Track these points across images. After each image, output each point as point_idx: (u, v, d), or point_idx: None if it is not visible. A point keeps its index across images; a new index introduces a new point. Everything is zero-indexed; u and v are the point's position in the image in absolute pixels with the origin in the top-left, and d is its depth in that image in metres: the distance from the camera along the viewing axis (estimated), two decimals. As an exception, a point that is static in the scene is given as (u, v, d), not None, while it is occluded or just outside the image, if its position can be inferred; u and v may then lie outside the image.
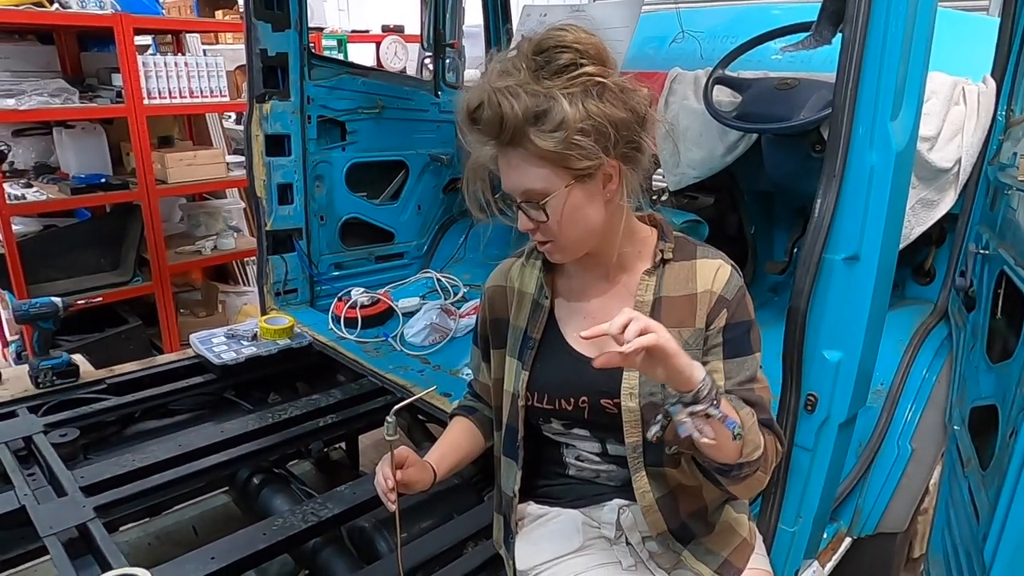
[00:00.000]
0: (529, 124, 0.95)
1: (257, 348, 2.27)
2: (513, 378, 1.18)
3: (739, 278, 1.11)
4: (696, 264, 1.11)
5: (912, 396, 1.93)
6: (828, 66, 2.18)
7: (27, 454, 1.76)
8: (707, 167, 2.21)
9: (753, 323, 1.11)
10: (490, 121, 0.97)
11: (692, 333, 1.08)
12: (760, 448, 1.04)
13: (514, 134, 0.97)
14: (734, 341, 1.09)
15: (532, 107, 0.95)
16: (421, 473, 1.15)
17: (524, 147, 0.97)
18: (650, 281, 1.11)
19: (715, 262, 1.11)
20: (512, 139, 0.97)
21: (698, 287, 1.09)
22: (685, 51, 2.61)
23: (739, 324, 1.09)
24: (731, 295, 1.09)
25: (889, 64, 1.14)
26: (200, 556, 1.40)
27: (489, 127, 0.98)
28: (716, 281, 1.09)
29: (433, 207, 3.17)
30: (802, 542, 1.42)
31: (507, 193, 1.04)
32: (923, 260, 2.29)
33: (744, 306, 1.10)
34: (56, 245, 3.47)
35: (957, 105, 1.94)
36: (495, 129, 0.97)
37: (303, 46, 2.54)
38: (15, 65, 3.58)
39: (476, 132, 1.01)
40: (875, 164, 1.17)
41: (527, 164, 0.99)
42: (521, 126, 0.96)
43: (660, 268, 1.12)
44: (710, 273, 1.10)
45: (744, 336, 1.10)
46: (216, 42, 5.22)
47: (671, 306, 1.09)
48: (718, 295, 1.08)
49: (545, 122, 0.95)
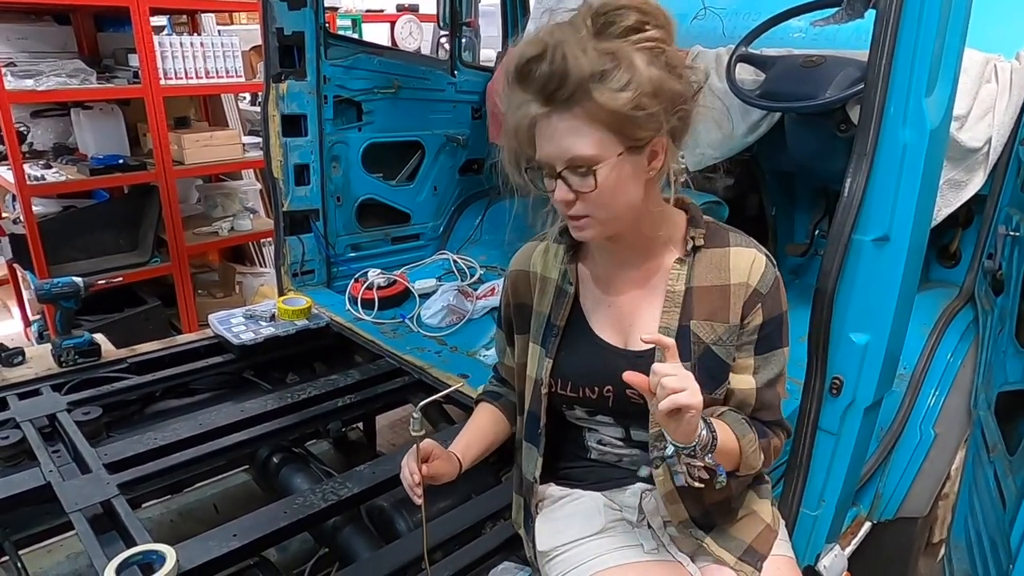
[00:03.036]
0: (594, 81, 0.89)
1: (275, 328, 2.28)
2: (536, 365, 1.16)
3: (774, 269, 1.08)
4: (730, 252, 1.07)
5: (936, 380, 1.90)
6: (855, 43, 2.15)
7: (51, 431, 1.78)
8: (728, 147, 2.17)
9: (785, 315, 1.10)
10: (549, 75, 0.90)
11: (727, 329, 1.06)
12: (756, 468, 1.07)
13: (575, 91, 0.90)
14: (768, 337, 1.08)
15: (599, 64, 0.89)
16: (447, 465, 1.14)
17: (582, 106, 0.90)
18: (681, 270, 1.08)
19: (750, 251, 1.07)
20: (571, 97, 0.90)
21: (732, 278, 1.06)
22: (706, 28, 2.55)
23: (772, 319, 1.08)
24: (766, 289, 1.06)
25: (925, 37, 1.10)
26: (222, 533, 1.41)
27: (546, 82, 0.91)
28: (752, 273, 1.05)
29: (449, 188, 3.15)
30: (824, 526, 1.41)
31: (542, 162, 0.97)
32: (949, 242, 2.25)
33: (778, 299, 1.08)
34: (76, 226, 3.50)
35: (988, 83, 1.88)
36: (554, 83, 0.90)
37: (319, 25, 2.51)
38: (33, 46, 3.59)
39: (525, 88, 0.93)
40: (908, 142, 1.14)
41: (582, 125, 0.92)
42: (585, 83, 0.89)
43: (691, 256, 1.08)
44: (745, 264, 1.06)
45: (777, 330, 1.09)
46: (231, 22, 5.20)
47: (703, 296, 1.07)
48: (753, 289, 1.05)
49: (612, 80, 0.89)
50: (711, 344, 1.06)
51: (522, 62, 0.93)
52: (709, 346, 1.06)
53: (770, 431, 1.12)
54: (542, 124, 0.95)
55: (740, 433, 1.05)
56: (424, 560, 1.25)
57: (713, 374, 1.07)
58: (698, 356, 1.06)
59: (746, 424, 1.08)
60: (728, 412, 1.08)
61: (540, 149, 0.97)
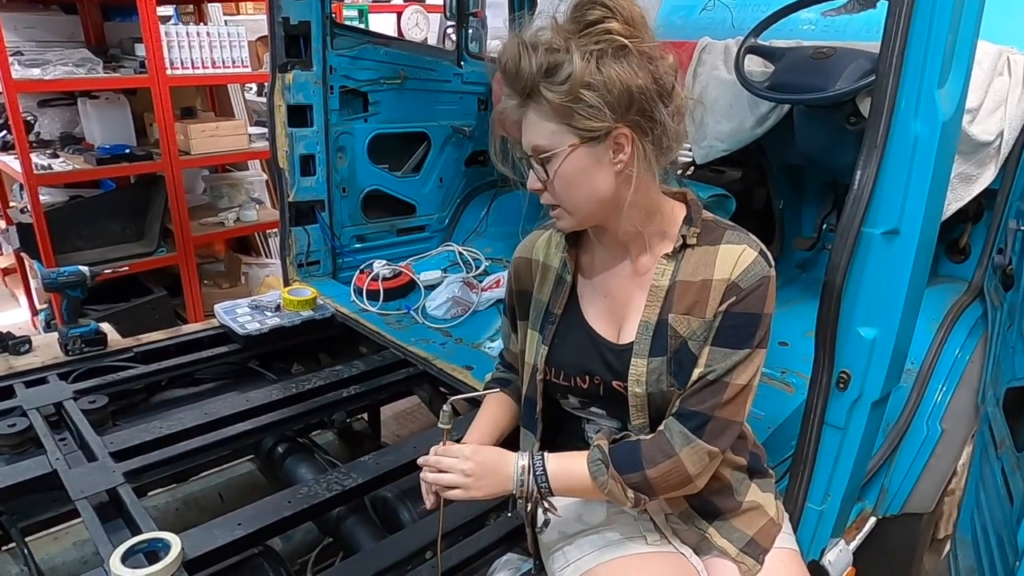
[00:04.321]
0: (541, 77, 0.95)
1: (280, 319, 2.28)
2: (534, 351, 1.17)
3: (763, 267, 1.02)
4: (720, 249, 1.04)
5: (944, 376, 1.89)
6: (865, 34, 2.13)
7: (58, 420, 1.79)
8: (736, 140, 2.16)
9: (763, 318, 1.02)
10: (510, 73, 0.98)
11: (701, 324, 1.04)
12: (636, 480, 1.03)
13: (530, 88, 0.97)
14: (732, 330, 1.02)
15: (546, 61, 0.95)
16: None
17: (536, 101, 0.97)
18: (668, 266, 1.07)
19: (739, 247, 1.03)
20: (529, 93, 0.97)
21: (715, 274, 1.03)
22: (715, 20, 2.54)
23: (744, 315, 1.01)
24: (746, 283, 1.01)
25: (938, 27, 1.08)
26: (227, 523, 1.41)
27: (509, 79, 0.99)
28: (735, 268, 1.02)
29: (455, 180, 3.14)
30: (829, 521, 1.40)
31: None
32: (958, 237, 2.23)
33: (758, 297, 1.02)
34: (82, 215, 3.51)
35: (1001, 75, 1.86)
36: (517, 82, 0.98)
37: (326, 15, 2.50)
38: (39, 35, 3.59)
39: (504, 84, 1.01)
40: (920, 134, 1.13)
41: (539, 119, 0.99)
42: (535, 79, 0.96)
43: (681, 252, 1.07)
44: (731, 259, 1.03)
45: (745, 328, 1.02)
46: (237, 12, 5.20)
47: (685, 291, 1.05)
48: (732, 282, 1.02)
49: (555, 76, 0.95)
50: (687, 338, 1.05)
51: (501, 61, 1.00)
52: (685, 340, 1.05)
53: (676, 440, 1.02)
54: (521, 118, 1.01)
55: (594, 473, 1.05)
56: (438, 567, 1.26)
57: (687, 369, 1.04)
58: (674, 351, 1.05)
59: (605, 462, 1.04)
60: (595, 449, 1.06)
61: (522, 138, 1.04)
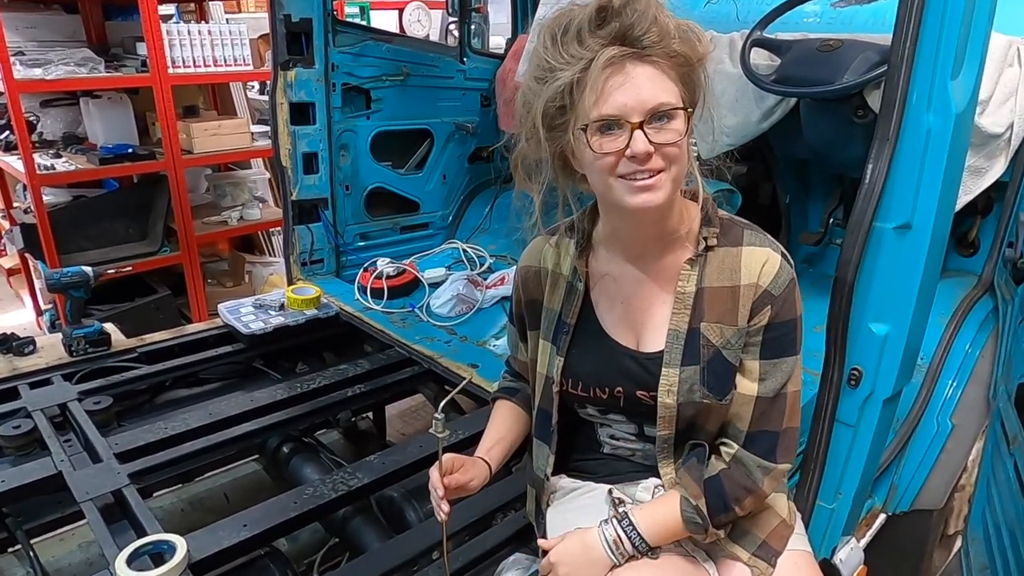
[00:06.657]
0: (678, 34, 0.92)
1: (284, 318, 2.27)
2: (548, 362, 1.15)
3: (789, 270, 1.03)
4: (742, 252, 1.03)
5: (954, 371, 1.87)
6: (872, 27, 2.10)
7: (62, 421, 1.79)
8: (742, 134, 2.13)
9: (798, 320, 1.04)
10: (640, 16, 0.89)
11: (735, 332, 1.03)
12: (726, 521, 1.06)
13: (660, 39, 0.90)
14: (775, 341, 1.03)
15: (675, 23, 0.93)
16: (474, 470, 1.14)
17: (660, 58, 0.91)
18: (692, 272, 1.05)
19: (763, 251, 1.03)
20: (653, 44, 0.90)
21: (742, 279, 1.02)
22: (720, 13, 2.51)
23: (783, 323, 1.03)
24: (778, 290, 1.01)
25: (951, 17, 1.06)
26: (232, 523, 1.41)
27: (632, 24, 0.89)
28: (763, 274, 1.01)
29: (458, 177, 3.13)
30: (841, 519, 1.39)
31: (610, 116, 0.91)
32: (967, 231, 2.21)
33: (791, 302, 1.03)
34: (86, 215, 3.50)
35: (1011, 67, 1.83)
36: (641, 27, 0.89)
37: (327, 12, 2.49)
38: (41, 35, 3.58)
39: (602, 33, 0.90)
40: (932, 127, 1.11)
41: (660, 75, 0.92)
42: (668, 34, 0.91)
43: (703, 256, 1.05)
44: (757, 264, 1.02)
45: (787, 335, 1.03)
46: (239, 10, 5.18)
47: (713, 298, 1.04)
48: (764, 289, 1.01)
49: (690, 36, 0.94)
50: (721, 348, 1.03)
51: (603, 3, 0.90)
52: (719, 350, 1.03)
53: (757, 475, 1.05)
54: (613, 72, 0.90)
55: (692, 530, 1.05)
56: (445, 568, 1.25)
57: (722, 378, 1.04)
58: (707, 360, 1.04)
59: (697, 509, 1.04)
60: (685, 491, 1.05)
61: (609, 101, 0.91)
